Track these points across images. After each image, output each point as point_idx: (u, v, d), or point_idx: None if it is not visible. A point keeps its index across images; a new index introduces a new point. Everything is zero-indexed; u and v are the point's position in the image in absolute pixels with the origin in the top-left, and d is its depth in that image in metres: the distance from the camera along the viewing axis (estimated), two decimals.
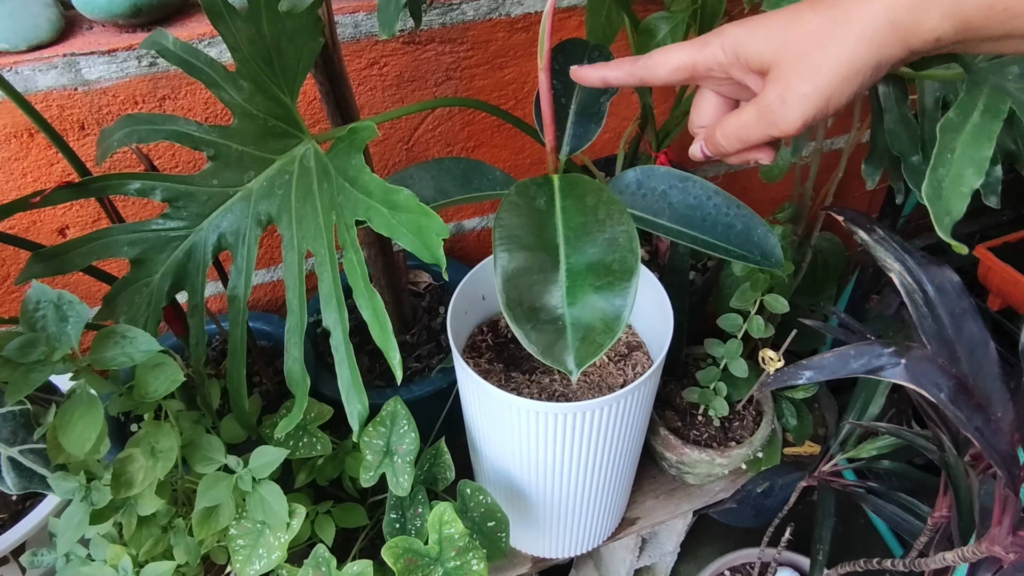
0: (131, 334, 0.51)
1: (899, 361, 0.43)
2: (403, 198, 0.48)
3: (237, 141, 0.60)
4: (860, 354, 0.44)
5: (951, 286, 0.48)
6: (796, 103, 0.41)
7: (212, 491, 0.59)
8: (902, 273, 0.47)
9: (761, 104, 0.43)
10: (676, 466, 0.92)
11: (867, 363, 0.43)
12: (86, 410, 0.50)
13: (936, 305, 0.47)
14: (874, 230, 0.52)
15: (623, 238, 0.50)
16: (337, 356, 0.56)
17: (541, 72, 0.52)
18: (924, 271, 0.48)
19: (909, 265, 0.49)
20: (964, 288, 0.48)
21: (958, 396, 0.46)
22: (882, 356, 0.43)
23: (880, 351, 0.43)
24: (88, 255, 0.61)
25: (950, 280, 0.48)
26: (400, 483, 0.69)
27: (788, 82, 0.41)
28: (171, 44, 0.59)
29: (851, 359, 0.44)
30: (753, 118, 0.44)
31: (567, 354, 0.47)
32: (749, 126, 0.45)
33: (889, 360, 0.43)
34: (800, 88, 0.40)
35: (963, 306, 0.48)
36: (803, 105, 0.41)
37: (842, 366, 0.44)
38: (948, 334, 0.47)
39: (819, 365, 0.45)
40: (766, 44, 0.42)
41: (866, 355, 0.43)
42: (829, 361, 0.45)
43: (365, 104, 0.85)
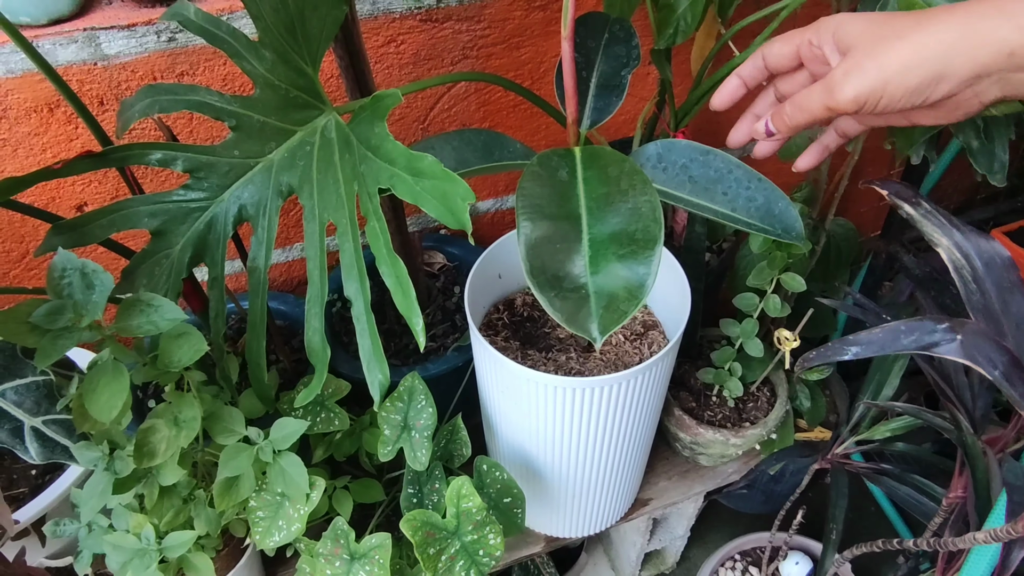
0: (156, 302, 0.52)
1: (954, 337, 0.42)
2: (427, 164, 0.48)
3: (259, 111, 0.60)
4: (912, 330, 0.43)
5: (1000, 260, 0.48)
6: (855, 78, 0.43)
7: (233, 461, 0.60)
8: (950, 248, 0.47)
9: (828, 76, 0.46)
10: (690, 447, 0.93)
11: (919, 339, 0.43)
12: (112, 378, 0.50)
13: (984, 280, 0.47)
14: (920, 203, 0.51)
15: (646, 208, 0.50)
16: (359, 326, 0.57)
17: (564, 41, 0.52)
18: (973, 245, 0.48)
19: (957, 239, 0.48)
20: (1012, 262, 0.48)
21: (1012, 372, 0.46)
22: (935, 332, 0.42)
23: (933, 327, 0.43)
24: (108, 227, 0.61)
25: (999, 254, 0.48)
26: (418, 457, 0.70)
27: (857, 59, 0.43)
28: (192, 14, 0.59)
29: (902, 335, 0.44)
30: (817, 89, 0.46)
31: (591, 321, 0.47)
32: (811, 96, 0.47)
33: (944, 336, 0.42)
34: (864, 65, 0.43)
35: (1012, 280, 0.47)
36: (861, 81, 0.43)
37: (892, 341, 0.44)
38: (995, 309, 0.46)
39: (868, 340, 0.45)
40: (859, 29, 0.45)
41: (917, 331, 0.43)
42: (878, 336, 0.44)
43: (382, 83, 0.85)
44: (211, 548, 0.69)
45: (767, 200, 0.57)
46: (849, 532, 1.33)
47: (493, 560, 0.66)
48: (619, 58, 0.61)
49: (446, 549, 0.65)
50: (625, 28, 0.62)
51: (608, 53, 0.62)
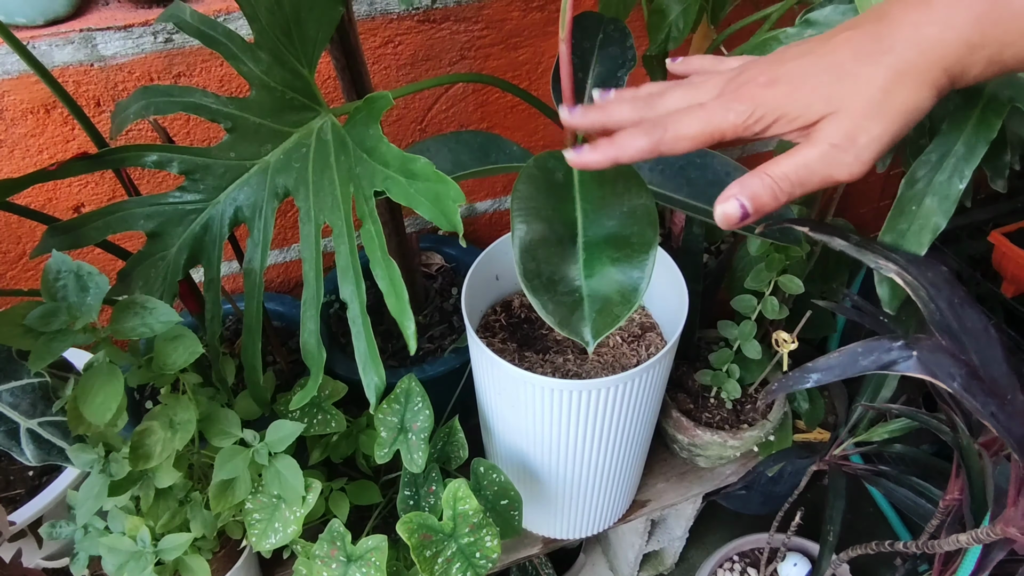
0: (150, 304, 0.52)
1: (911, 354, 0.42)
2: (420, 167, 0.48)
3: (254, 113, 0.60)
4: (869, 351, 0.43)
5: (943, 278, 0.47)
6: (867, 144, 0.38)
7: (229, 464, 0.60)
8: (900, 272, 0.47)
9: (824, 144, 0.38)
10: (688, 448, 0.92)
11: (877, 359, 0.43)
12: (106, 379, 0.50)
13: (936, 298, 0.47)
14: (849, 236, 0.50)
15: (641, 211, 0.50)
16: (354, 328, 0.56)
17: (562, 43, 0.52)
18: (916, 269, 0.48)
19: (902, 264, 0.48)
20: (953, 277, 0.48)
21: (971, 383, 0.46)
22: (892, 351, 0.43)
23: (890, 346, 0.43)
24: (104, 228, 0.61)
25: (940, 273, 0.48)
26: (414, 460, 0.70)
27: (856, 122, 0.38)
28: (188, 16, 0.59)
29: (860, 356, 0.44)
30: (815, 158, 0.39)
31: (584, 325, 0.47)
32: (811, 167, 0.39)
33: (901, 354, 0.42)
34: (871, 129, 0.38)
35: (959, 296, 0.47)
36: (875, 146, 0.38)
37: (851, 364, 0.44)
38: (953, 325, 0.46)
39: (826, 366, 0.45)
40: (816, 100, 0.39)
41: (875, 351, 0.43)
42: (837, 360, 0.44)
43: (379, 83, 0.85)
44: (207, 550, 0.69)
45: None
46: (847, 533, 1.33)
47: (490, 562, 0.66)
48: (615, 59, 0.61)
49: (442, 551, 0.65)
50: (620, 28, 0.62)
51: (603, 54, 0.61)
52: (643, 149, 0.42)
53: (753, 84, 0.41)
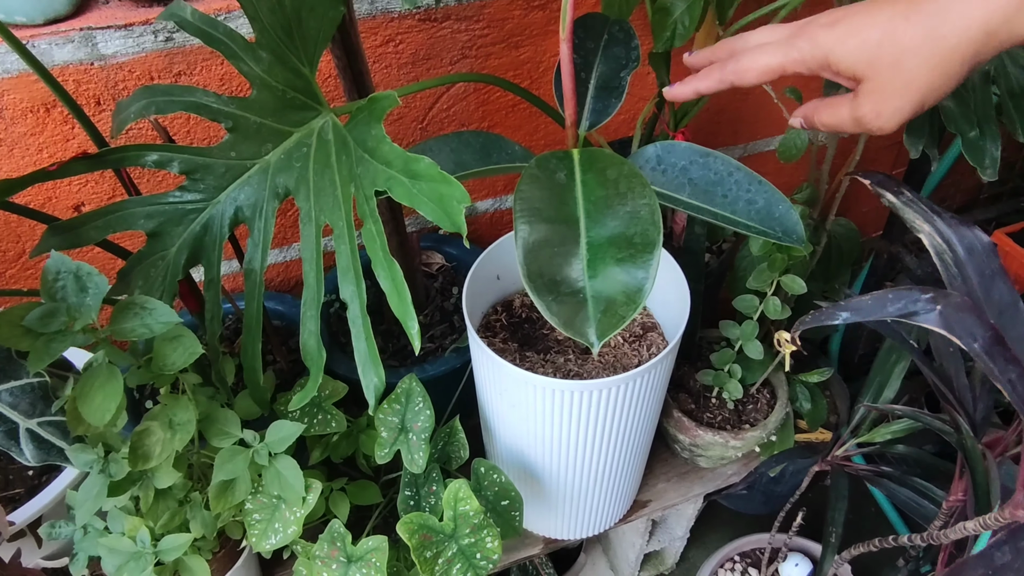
0: (150, 305, 0.51)
1: (934, 307, 0.42)
2: (424, 167, 0.48)
3: (255, 113, 0.59)
4: (897, 298, 0.43)
5: (981, 246, 0.47)
6: (891, 116, 0.43)
7: (229, 464, 0.60)
8: (932, 234, 0.47)
9: (857, 114, 0.45)
10: (689, 449, 0.92)
11: (903, 307, 0.43)
12: (105, 380, 0.50)
13: (965, 265, 0.47)
14: (902, 192, 0.51)
15: (645, 211, 0.50)
16: (354, 329, 0.56)
17: (563, 43, 0.52)
18: (954, 231, 0.48)
19: (938, 226, 0.48)
20: (994, 248, 0.48)
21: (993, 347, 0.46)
22: (918, 301, 0.42)
23: (917, 296, 0.43)
24: (104, 228, 0.61)
25: (980, 240, 0.48)
26: (415, 460, 0.69)
27: (883, 97, 0.43)
28: (189, 15, 0.59)
29: (888, 302, 0.44)
30: (848, 121, 0.46)
31: (588, 326, 0.47)
32: (845, 125, 0.47)
33: (925, 305, 0.42)
34: (895, 103, 0.43)
35: (993, 267, 0.47)
36: (898, 117, 0.43)
37: (879, 308, 0.44)
38: (977, 295, 0.46)
39: (857, 306, 0.45)
40: (859, 56, 0.43)
41: (903, 299, 0.43)
42: (866, 303, 0.45)
43: (380, 82, 0.84)
44: (207, 550, 0.69)
45: (767, 203, 0.56)
46: (849, 533, 1.33)
47: (490, 563, 0.66)
48: (618, 59, 0.61)
49: (443, 552, 0.65)
50: (624, 29, 0.62)
51: (607, 54, 0.61)
52: (716, 80, 0.51)
53: (816, 24, 0.46)
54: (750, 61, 0.48)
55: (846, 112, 0.46)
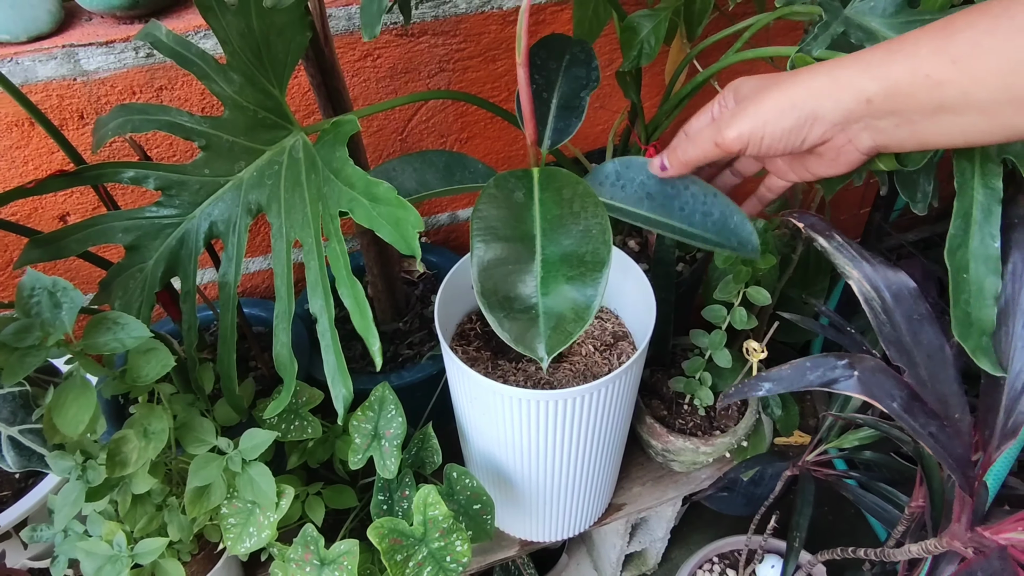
0: (122, 320, 0.53)
1: (852, 373, 0.44)
2: (383, 191, 0.50)
3: (228, 132, 0.61)
4: (816, 366, 0.45)
5: (908, 292, 0.49)
6: (740, 119, 0.49)
7: (203, 471, 0.62)
8: (860, 280, 0.49)
9: (719, 116, 0.53)
10: (662, 454, 0.94)
11: (822, 375, 0.45)
12: (79, 393, 0.52)
13: (893, 311, 0.48)
14: (832, 236, 0.53)
15: (596, 229, 0.51)
16: (323, 342, 0.58)
17: (519, 68, 0.53)
18: (881, 277, 0.49)
19: (866, 271, 0.50)
20: (920, 293, 0.50)
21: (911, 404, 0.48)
22: (836, 368, 0.44)
23: (834, 363, 0.45)
24: (84, 241, 0.63)
25: (906, 286, 0.49)
26: (387, 466, 0.72)
27: (743, 106, 0.49)
28: (164, 36, 0.61)
29: (807, 371, 0.46)
30: (706, 122, 0.54)
31: (538, 342, 0.49)
32: (702, 132, 0.52)
33: (843, 372, 0.44)
34: (748, 109, 0.48)
35: (920, 311, 0.49)
36: (744, 121, 0.48)
37: (799, 378, 0.46)
38: (906, 340, 0.48)
39: (777, 377, 0.47)
40: (751, 85, 0.52)
41: (821, 367, 0.45)
42: (787, 374, 0.46)
43: (359, 96, 0.86)
44: (186, 552, 0.71)
45: (722, 214, 0.58)
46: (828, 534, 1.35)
47: (460, 566, 0.68)
48: (579, 80, 0.63)
49: (413, 555, 0.67)
50: (585, 50, 0.63)
51: (568, 75, 0.63)
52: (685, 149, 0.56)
53: None
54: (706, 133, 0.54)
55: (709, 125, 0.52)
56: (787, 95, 0.46)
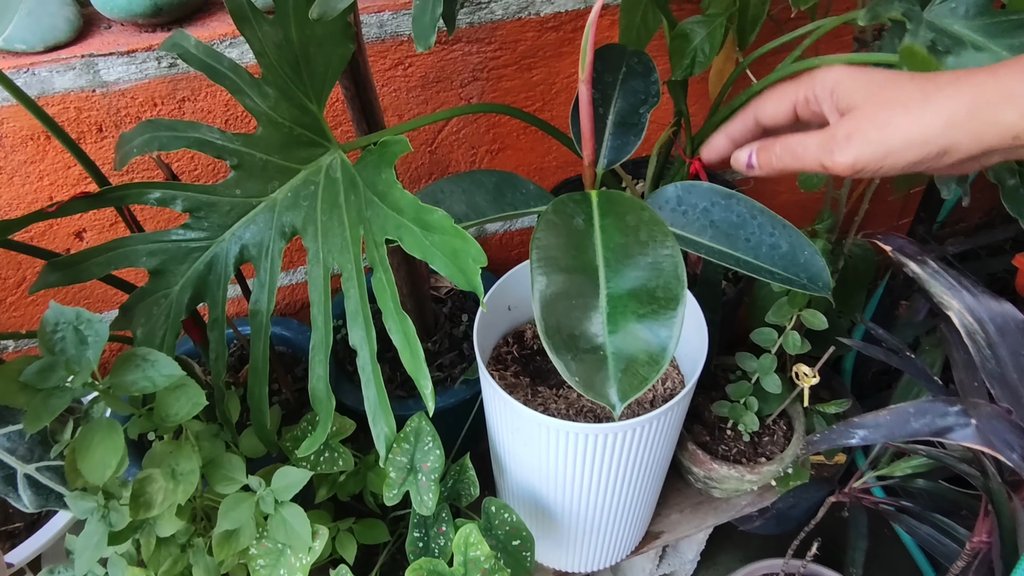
0: (152, 357, 0.49)
1: (969, 422, 0.40)
2: (437, 218, 0.46)
3: (261, 150, 0.57)
4: (922, 412, 0.41)
5: (1015, 324, 0.45)
6: (858, 144, 0.42)
7: (233, 512, 0.58)
8: (962, 312, 0.44)
9: (828, 133, 0.43)
10: (703, 480, 0.90)
11: (931, 423, 0.40)
12: (106, 434, 0.48)
13: (998, 346, 0.44)
14: (926, 262, 0.48)
15: (668, 263, 0.47)
16: (364, 376, 0.54)
17: (581, 84, 0.49)
18: (985, 308, 0.45)
19: (968, 303, 0.45)
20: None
21: None
22: (948, 416, 0.40)
23: (945, 410, 0.40)
24: (105, 264, 0.59)
25: (1013, 318, 0.45)
26: (424, 502, 0.67)
27: (860, 123, 0.42)
28: (192, 47, 0.57)
29: (911, 418, 0.41)
30: (815, 142, 0.44)
31: (610, 387, 0.44)
32: (808, 147, 0.45)
33: (957, 420, 0.40)
34: (869, 133, 0.41)
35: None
36: (863, 149, 0.41)
37: (901, 426, 0.41)
38: (1012, 378, 0.43)
39: (874, 424, 0.42)
40: (861, 90, 0.43)
41: (928, 414, 0.41)
42: (886, 420, 0.42)
43: (389, 106, 0.82)
44: None
45: (792, 248, 0.54)
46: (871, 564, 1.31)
47: None
48: (637, 94, 0.58)
49: None
50: (643, 62, 0.59)
51: (625, 88, 0.59)
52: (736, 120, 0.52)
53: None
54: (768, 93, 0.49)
55: (815, 134, 0.44)
56: (920, 126, 0.40)
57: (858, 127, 0.42)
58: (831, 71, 0.45)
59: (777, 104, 0.49)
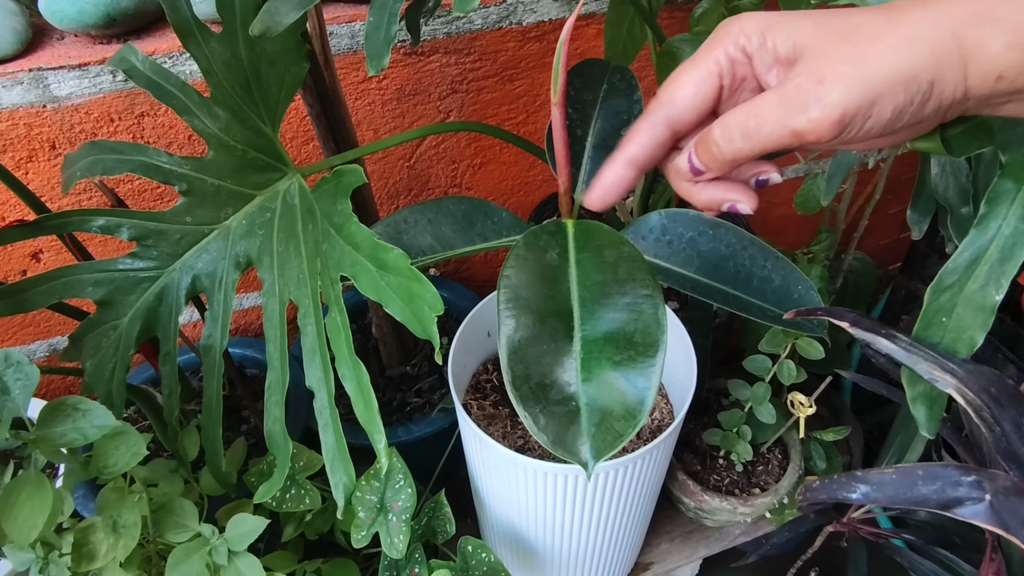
0: (84, 406, 0.45)
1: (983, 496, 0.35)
2: (393, 258, 0.41)
3: (213, 174, 0.53)
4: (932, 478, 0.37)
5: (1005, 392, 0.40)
6: (835, 85, 0.31)
7: (183, 565, 0.54)
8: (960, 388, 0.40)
9: (788, 86, 0.32)
10: (694, 511, 0.86)
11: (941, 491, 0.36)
12: (34, 490, 0.44)
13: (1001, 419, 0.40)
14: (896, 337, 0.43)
15: (647, 305, 0.43)
16: (320, 420, 0.50)
17: (554, 108, 0.45)
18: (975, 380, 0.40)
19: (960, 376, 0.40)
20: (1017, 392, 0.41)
21: None
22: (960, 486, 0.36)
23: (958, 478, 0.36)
24: (49, 294, 0.55)
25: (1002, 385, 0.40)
26: (395, 544, 0.63)
27: (827, 64, 0.31)
28: (139, 63, 0.53)
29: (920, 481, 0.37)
30: (770, 104, 0.33)
31: (581, 442, 0.40)
32: (764, 114, 0.33)
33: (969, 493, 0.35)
34: (844, 70, 0.31)
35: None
36: (846, 88, 0.31)
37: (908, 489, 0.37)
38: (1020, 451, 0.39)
39: (879, 482, 0.38)
40: (803, 29, 0.33)
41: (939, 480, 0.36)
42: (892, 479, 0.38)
43: (363, 120, 0.78)
44: None
45: (785, 282, 0.50)
46: None
47: None
48: (619, 114, 0.54)
49: None
50: (626, 79, 0.55)
51: (607, 108, 0.55)
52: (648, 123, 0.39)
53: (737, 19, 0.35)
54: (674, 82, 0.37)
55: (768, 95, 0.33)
56: (902, 57, 0.30)
57: (827, 67, 0.31)
58: (748, 19, 0.35)
59: (696, 86, 0.36)
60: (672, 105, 0.37)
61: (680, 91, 0.36)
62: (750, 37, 0.34)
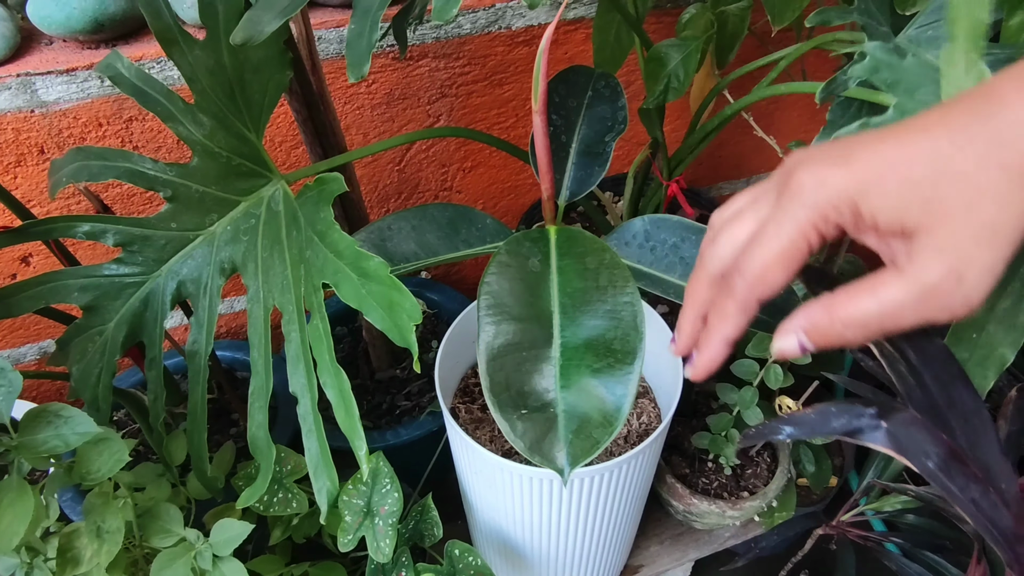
0: (66, 413, 0.45)
1: (879, 424, 0.36)
2: (374, 266, 0.42)
3: (197, 181, 0.53)
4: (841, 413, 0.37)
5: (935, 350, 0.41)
6: (978, 279, 0.29)
7: (168, 571, 0.54)
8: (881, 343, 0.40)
9: (921, 280, 0.30)
10: (683, 514, 0.86)
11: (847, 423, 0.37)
12: (16, 497, 0.44)
13: (921, 373, 0.40)
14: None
15: (627, 312, 0.43)
16: (304, 426, 0.50)
17: (536, 115, 0.45)
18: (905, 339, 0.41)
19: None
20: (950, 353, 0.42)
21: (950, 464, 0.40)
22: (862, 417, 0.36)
23: (861, 411, 0.36)
24: (35, 299, 0.56)
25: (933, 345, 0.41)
26: (381, 548, 0.63)
27: (961, 250, 0.29)
28: (125, 69, 0.53)
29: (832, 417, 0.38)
30: (910, 299, 0.30)
31: (558, 449, 0.41)
32: (903, 310, 0.30)
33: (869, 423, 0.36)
34: (982, 259, 0.29)
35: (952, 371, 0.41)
36: (988, 280, 0.29)
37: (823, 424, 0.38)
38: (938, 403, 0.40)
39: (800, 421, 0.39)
40: (909, 198, 0.29)
41: (847, 415, 0.37)
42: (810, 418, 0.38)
43: (352, 124, 0.78)
44: None
45: None
46: None
47: None
48: (603, 121, 0.55)
49: None
50: (611, 86, 0.55)
51: (591, 115, 0.55)
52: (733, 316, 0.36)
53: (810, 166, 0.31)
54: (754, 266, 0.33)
55: (898, 290, 0.30)
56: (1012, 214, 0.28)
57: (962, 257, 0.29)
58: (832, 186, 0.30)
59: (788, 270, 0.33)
60: (765, 288, 0.34)
61: (776, 278, 0.33)
62: (842, 212, 0.31)
